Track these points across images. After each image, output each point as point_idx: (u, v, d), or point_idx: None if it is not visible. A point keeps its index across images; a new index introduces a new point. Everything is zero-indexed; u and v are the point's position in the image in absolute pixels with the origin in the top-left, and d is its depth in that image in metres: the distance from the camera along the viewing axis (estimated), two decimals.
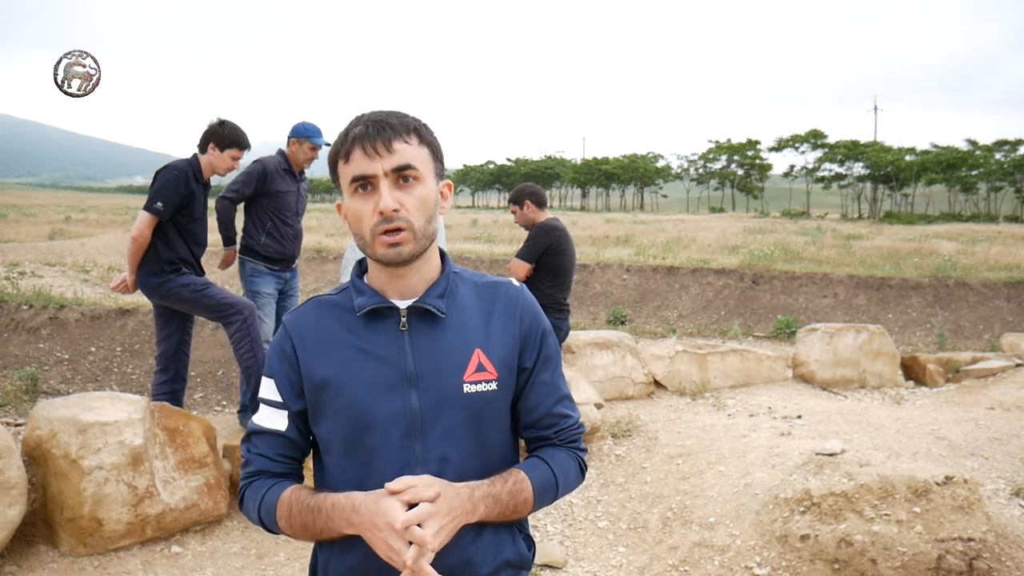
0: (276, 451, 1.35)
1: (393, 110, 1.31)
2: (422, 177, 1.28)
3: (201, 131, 4.29)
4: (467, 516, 1.24)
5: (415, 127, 1.29)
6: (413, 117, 1.31)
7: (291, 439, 1.35)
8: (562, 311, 4.63)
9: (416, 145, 1.28)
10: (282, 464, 1.36)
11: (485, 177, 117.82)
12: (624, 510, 4.16)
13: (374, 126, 1.26)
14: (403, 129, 1.27)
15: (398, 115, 1.30)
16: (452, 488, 1.23)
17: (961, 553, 3.27)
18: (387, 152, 1.25)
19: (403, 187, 1.26)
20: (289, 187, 4.81)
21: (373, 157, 1.24)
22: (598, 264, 12.81)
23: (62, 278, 10.16)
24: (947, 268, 12.15)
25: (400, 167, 1.25)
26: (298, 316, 1.37)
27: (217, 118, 4.31)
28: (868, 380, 6.82)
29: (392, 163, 1.25)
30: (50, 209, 39.06)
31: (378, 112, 1.30)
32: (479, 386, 1.30)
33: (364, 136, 1.25)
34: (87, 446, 3.33)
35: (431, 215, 1.29)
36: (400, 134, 1.26)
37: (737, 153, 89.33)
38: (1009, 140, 69.03)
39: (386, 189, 1.25)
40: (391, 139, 1.25)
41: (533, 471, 1.33)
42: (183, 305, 4.27)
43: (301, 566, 3.49)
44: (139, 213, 4.18)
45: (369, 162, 1.25)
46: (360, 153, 1.25)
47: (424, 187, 1.28)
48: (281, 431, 1.34)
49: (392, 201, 1.24)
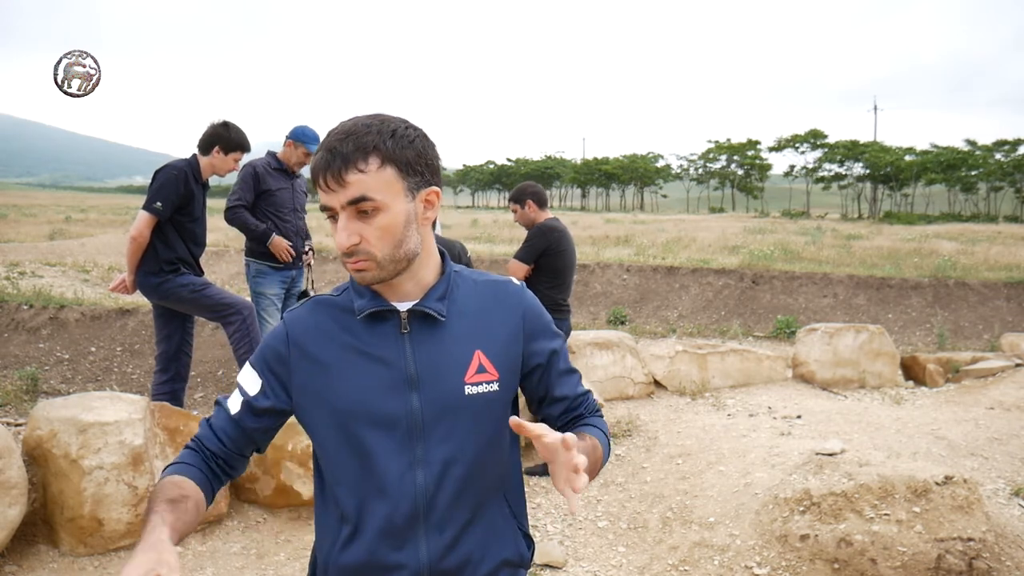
0: (221, 427, 1.33)
1: (359, 123, 1.22)
2: (382, 205, 1.20)
3: (201, 131, 4.30)
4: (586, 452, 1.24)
5: (375, 146, 1.19)
6: (379, 129, 1.21)
7: (240, 425, 1.32)
8: (561, 311, 4.62)
9: (375, 170, 1.19)
10: (218, 443, 1.33)
11: (485, 177, 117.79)
12: (624, 510, 4.16)
13: (328, 155, 1.19)
14: (359, 155, 1.18)
15: (357, 135, 1.20)
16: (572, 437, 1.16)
17: (961, 553, 3.27)
18: (339, 186, 1.19)
19: (363, 218, 1.21)
20: (282, 184, 4.86)
21: (327, 191, 1.21)
22: (598, 264, 12.81)
23: (62, 278, 10.16)
24: (947, 268, 12.15)
25: (354, 200, 1.20)
26: (298, 315, 1.35)
27: (220, 120, 4.32)
28: (868, 380, 6.83)
29: (345, 197, 1.20)
30: (50, 209, 39.06)
31: (340, 131, 1.22)
32: (480, 387, 1.29)
33: (319, 167, 1.21)
34: (87, 446, 3.33)
35: (399, 239, 1.23)
36: (352, 163, 1.18)
37: (737, 153, 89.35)
38: (1009, 140, 69.08)
39: (343, 223, 1.21)
40: (341, 171, 1.18)
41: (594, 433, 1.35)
42: (182, 305, 4.27)
43: (301, 566, 3.50)
44: (138, 213, 4.18)
45: (328, 195, 1.21)
46: (322, 184, 1.21)
47: (387, 215, 1.21)
48: (232, 414, 1.33)
49: (346, 238, 1.21)
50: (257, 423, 1.33)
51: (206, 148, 4.26)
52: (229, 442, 1.33)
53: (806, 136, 78.46)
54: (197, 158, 4.28)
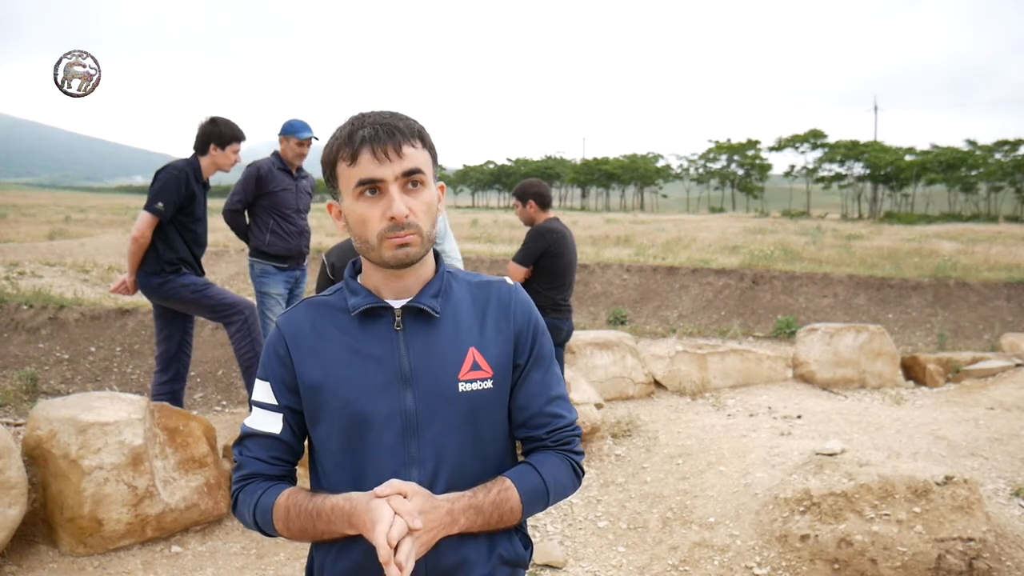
0: (270, 454, 1.34)
1: (395, 112, 1.30)
2: (427, 181, 1.28)
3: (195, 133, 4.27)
4: (446, 529, 1.22)
5: (419, 131, 1.28)
6: (415, 120, 1.30)
7: (285, 441, 1.34)
8: (561, 311, 4.62)
9: (421, 149, 1.27)
10: (276, 467, 1.35)
11: (485, 177, 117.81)
12: (624, 510, 4.16)
13: (384, 129, 1.24)
14: (411, 133, 1.26)
15: (403, 118, 1.28)
16: (431, 501, 1.21)
17: (961, 553, 3.27)
18: (397, 157, 1.24)
19: (411, 192, 1.26)
20: (286, 185, 4.85)
21: (383, 161, 1.23)
22: (598, 264, 12.81)
23: (62, 278, 10.16)
24: (947, 268, 12.15)
25: (410, 171, 1.25)
26: (291, 317, 1.36)
27: (207, 118, 4.26)
28: (868, 380, 6.82)
29: (403, 168, 1.24)
30: (50, 209, 39.05)
31: (381, 113, 1.28)
32: (474, 384, 1.29)
33: (374, 139, 1.23)
34: (87, 446, 3.33)
35: (434, 218, 1.30)
36: (408, 138, 1.25)
37: (737, 153, 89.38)
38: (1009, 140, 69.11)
39: (397, 194, 1.24)
40: (401, 143, 1.24)
41: (520, 479, 1.31)
42: (183, 305, 4.26)
43: (301, 566, 3.49)
44: (139, 213, 4.17)
45: (379, 166, 1.23)
46: (369, 156, 1.23)
47: (429, 192, 1.28)
48: (275, 434, 1.33)
49: (404, 207, 1.23)
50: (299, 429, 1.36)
51: (202, 148, 4.24)
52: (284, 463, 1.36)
53: (806, 136, 78.49)
54: (197, 158, 4.26)
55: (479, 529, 1.27)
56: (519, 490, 1.30)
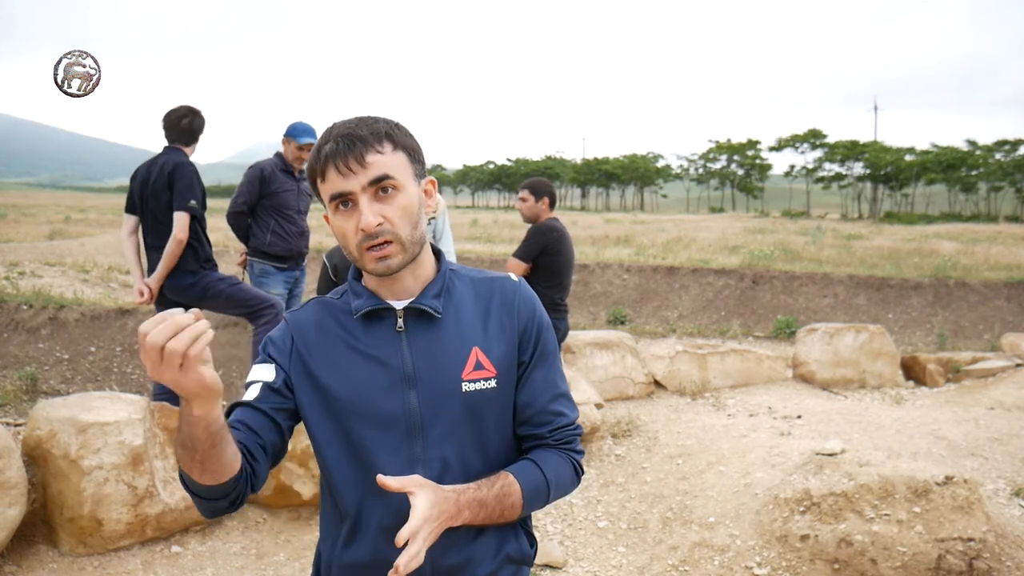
0: (240, 418, 1.28)
1: (363, 117, 1.28)
2: (401, 185, 1.25)
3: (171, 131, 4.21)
4: (451, 520, 1.21)
5: (386, 132, 1.25)
6: (385, 121, 1.28)
7: (258, 408, 1.28)
8: (559, 311, 4.63)
9: (390, 152, 1.25)
10: (244, 433, 1.27)
11: (485, 177, 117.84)
12: (624, 510, 4.16)
13: (344, 141, 1.23)
14: (374, 139, 1.24)
15: (367, 123, 1.26)
16: (440, 492, 1.21)
17: (961, 553, 3.27)
18: (360, 167, 1.22)
19: (383, 198, 1.24)
20: (288, 186, 4.87)
21: (347, 175, 1.22)
22: (598, 264, 12.81)
23: (62, 278, 10.15)
24: (947, 268, 12.15)
25: (376, 179, 1.23)
26: (299, 315, 1.37)
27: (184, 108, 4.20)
28: (868, 380, 6.82)
29: (368, 177, 1.22)
30: (50, 209, 39.04)
31: (347, 123, 1.26)
32: (478, 384, 1.29)
33: (335, 154, 1.22)
34: (87, 446, 3.33)
35: (416, 220, 1.27)
36: (371, 145, 1.23)
37: (737, 153, 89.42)
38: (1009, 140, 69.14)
39: (366, 205, 1.22)
40: (362, 152, 1.22)
41: (523, 474, 1.31)
42: (217, 301, 4.22)
43: (301, 566, 3.50)
44: (175, 215, 4.06)
45: (344, 180, 1.22)
46: (334, 171, 1.22)
47: (404, 194, 1.25)
48: (268, 381, 1.29)
49: (373, 217, 1.22)
50: (275, 403, 1.29)
51: (189, 140, 4.19)
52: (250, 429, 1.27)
53: (806, 136, 78.52)
54: (184, 152, 4.21)
55: (480, 522, 1.27)
56: (521, 486, 1.30)
